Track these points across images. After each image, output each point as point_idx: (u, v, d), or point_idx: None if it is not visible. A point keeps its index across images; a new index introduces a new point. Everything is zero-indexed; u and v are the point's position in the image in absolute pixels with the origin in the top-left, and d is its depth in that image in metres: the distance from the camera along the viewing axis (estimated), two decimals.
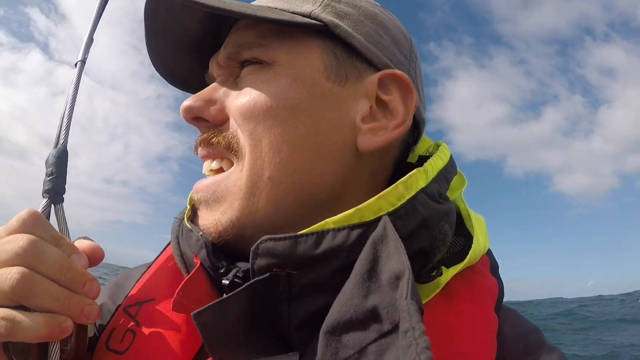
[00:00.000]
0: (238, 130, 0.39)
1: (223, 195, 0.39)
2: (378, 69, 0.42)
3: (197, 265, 0.38)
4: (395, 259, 0.28)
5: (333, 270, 0.33)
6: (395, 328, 0.26)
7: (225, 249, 0.39)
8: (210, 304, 0.32)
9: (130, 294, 0.45)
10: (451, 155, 0.45)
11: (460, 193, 0.45)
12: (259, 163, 0.38)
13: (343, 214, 0.34)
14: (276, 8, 0.41)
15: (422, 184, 0.37)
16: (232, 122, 0.40)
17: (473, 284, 0.38)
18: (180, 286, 0.36)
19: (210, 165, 0.42)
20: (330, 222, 0.34)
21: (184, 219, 0.44)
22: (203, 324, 0.32)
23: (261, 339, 0.34)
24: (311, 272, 0.33)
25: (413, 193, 0.36)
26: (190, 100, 0.42)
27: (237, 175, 0.39)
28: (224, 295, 0.34)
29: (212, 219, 0.40)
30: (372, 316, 0.27)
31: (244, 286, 0.33)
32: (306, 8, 0.41)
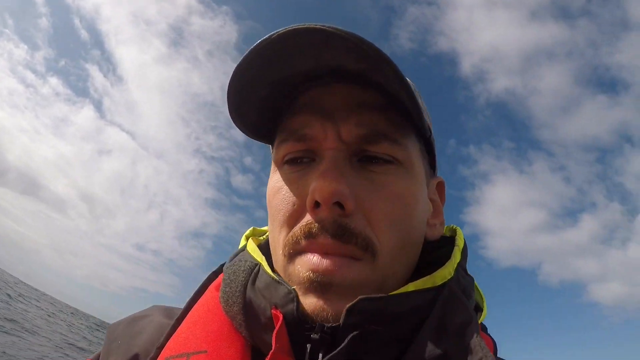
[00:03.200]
0: (373, 232, 0.40)
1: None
2: (433, 173, 0.52)
3: (281, 319, 0.38)
4: (461, 314, 0.37)
5: (410, 326, 0.38)
6: None
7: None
8: (326, 358, 0.35)
9: (170, 343, 0.44)
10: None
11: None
12: (387, 261, 0.40)
13: (421, 280, 0.40)
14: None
15: (458, 259, 0.45)
16: (366, 218, 0.40)
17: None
18: (274, 338, 0.36)
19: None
20: (411, 285, 0.40)
21: (255, 268, 0.44)
22: None
23: None
24: (393, 327, 0.37)
25: (456, 265, 0.44)
26: (339, 184, 0.38)
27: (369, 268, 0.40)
28: (308, 346, 0.37)
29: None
30: None
31: (346, 342, 0.35)
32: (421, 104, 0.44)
